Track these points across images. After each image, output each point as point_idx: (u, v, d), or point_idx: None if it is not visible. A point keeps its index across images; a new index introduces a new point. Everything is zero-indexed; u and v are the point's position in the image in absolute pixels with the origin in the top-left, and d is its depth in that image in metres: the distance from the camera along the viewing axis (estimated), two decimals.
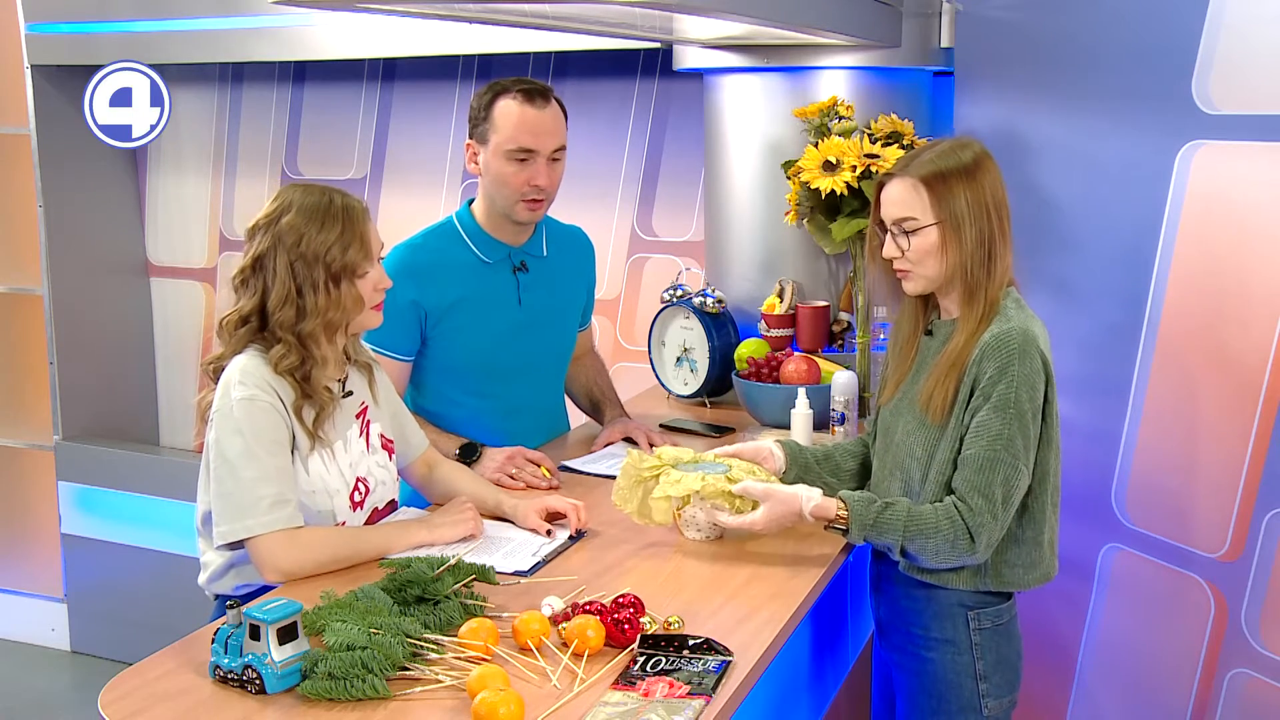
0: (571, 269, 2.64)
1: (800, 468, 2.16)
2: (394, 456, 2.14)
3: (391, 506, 2.14)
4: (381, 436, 2.11)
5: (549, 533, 2.08)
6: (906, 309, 2.10)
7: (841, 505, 1.94)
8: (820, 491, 1.98)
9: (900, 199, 1.96)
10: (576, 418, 2.84)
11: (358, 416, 2.07)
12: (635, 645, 1.64)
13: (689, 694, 1.51)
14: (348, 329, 1.99)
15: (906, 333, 2.09)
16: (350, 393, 2.06)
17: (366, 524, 2.06)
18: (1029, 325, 1.92)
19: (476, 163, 2.44)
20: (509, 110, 2.37)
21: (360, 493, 2.03)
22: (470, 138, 2.44)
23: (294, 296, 1.91)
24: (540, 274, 2.55)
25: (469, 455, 2.39)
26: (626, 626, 1.66)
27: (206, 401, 1.96)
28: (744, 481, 1.99)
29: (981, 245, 1.94)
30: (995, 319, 1.94)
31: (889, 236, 2.00)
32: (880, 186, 2.01)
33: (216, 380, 1.94)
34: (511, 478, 2.35)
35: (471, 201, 2.53)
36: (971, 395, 1.92)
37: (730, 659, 1.61)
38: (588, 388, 2.79)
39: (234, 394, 1.89)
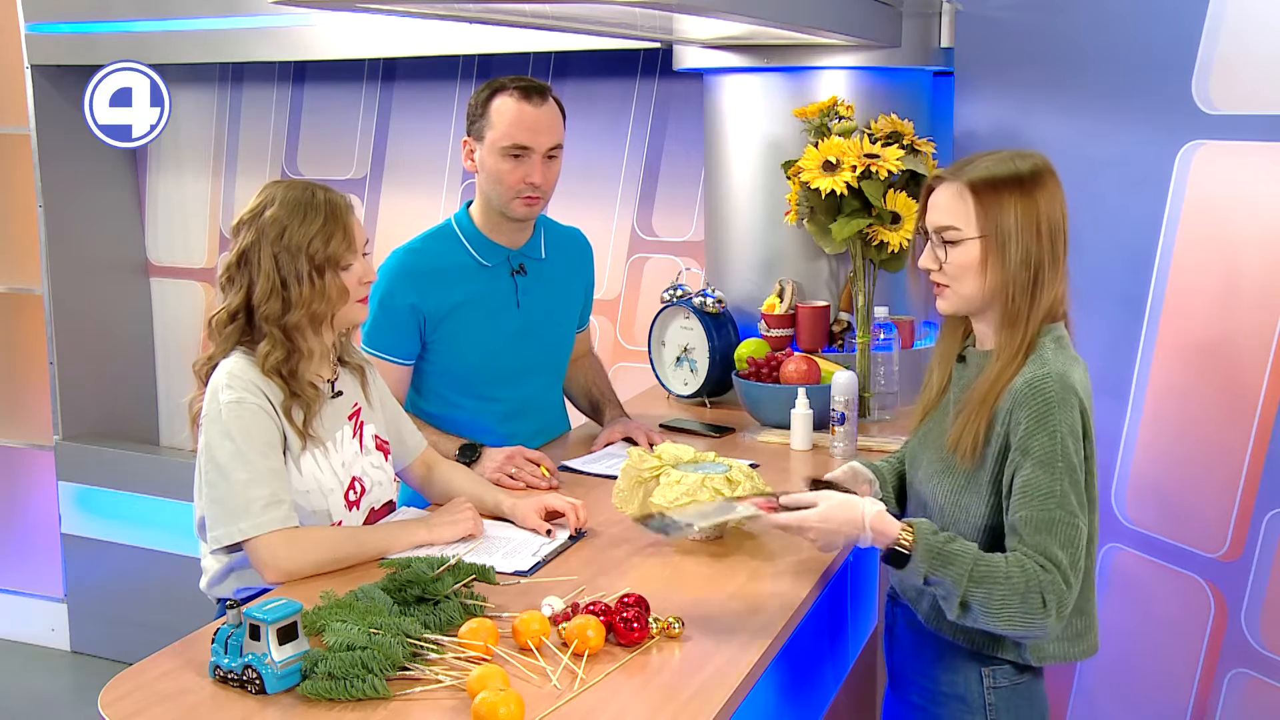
0: (570, 271, 2.64)
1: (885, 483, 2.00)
2: (390, 458, 2.14)
3: (389, 508, 2.14)
4: (376, 438, 2.11)
5: (549, 532, 2.08)
6: (946, 328, 1.91)
7: (907, 528, 1.70)
8: (884, 506, 1.76)
9: (945, 205, 1.77)
10: (577, 418, 2.84)
11: (350, 418, 2.06)
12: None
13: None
14: (333, 321, 1.99)
15: (941, 355, 1.90)
16: (340, 393, 2.06)
17: (365, 524, 2.06)
18: (1068, 371, 1.71)
19: (473, 159, 2.44)
20: (505, 107, 2.37)
21: (355, 492, 2.03)
22: (467, 134, 2.45)
23: (279, 289, 1.91)
24: (539, 276, 2.55)
25: (469, 456, 2.39)
26: (635, 625, 1.66)
27: (196, 406, 1.96)
28: (791, 495, 1.82)
29: (1026, 268, 1.73)
30: (1031, 360, 1.74)
31: (929, 245, 1.81)
32: (929, 190, 1.82)
33: (207, 382, 1.94)
34: (511, 477, 2.35)
35: (470, 204, 2.54)
36: (1006, 449, 1.72)
37: None
38: (587, 389, 2.79)
39: (222, 398, 1.89)
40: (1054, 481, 1.67)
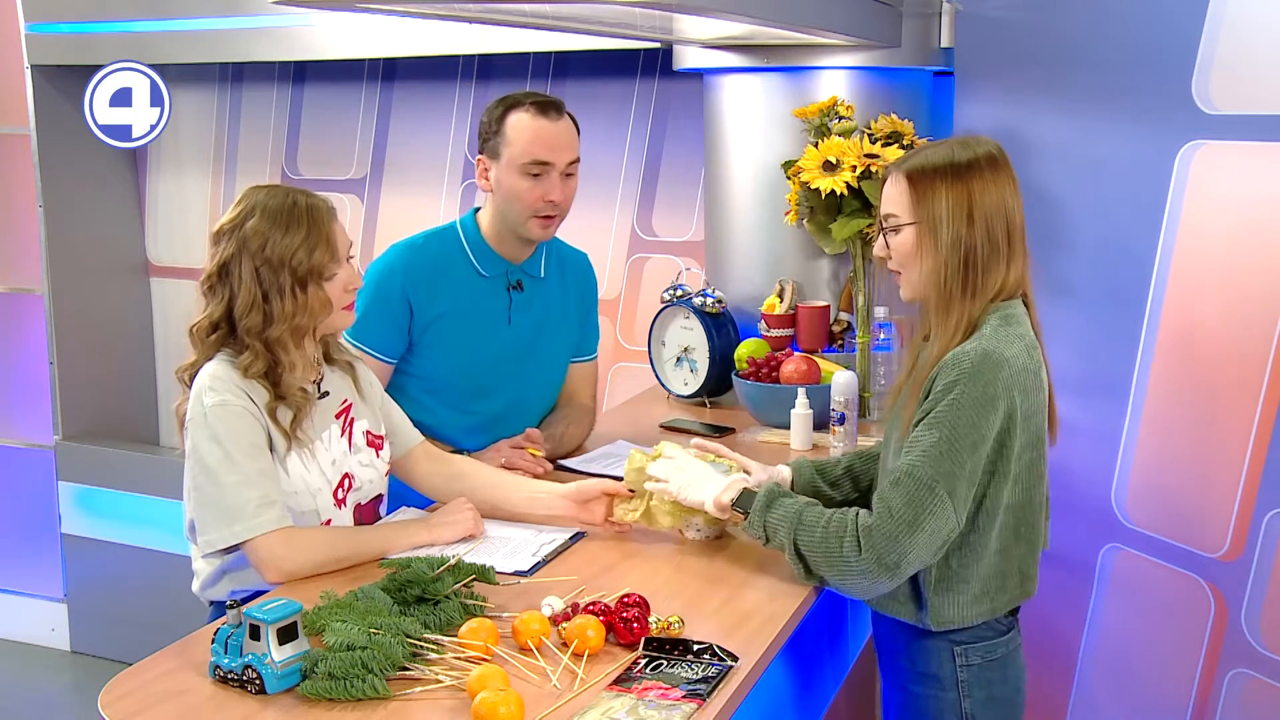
0: (567, 294, 2.58)
1: (808, 487, 2.08)
2: (383, 452, 2.12)
3: (378, 501, 2.13)
4: (368, 434, 2.09)
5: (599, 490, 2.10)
6: (920, 317, 1.96)
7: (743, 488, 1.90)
8: (739, 482, 1.94)
9: (888, 194, 1.87)
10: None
11: (338, 416, 2.05)
12: (640, 647, 1.64)
13: (682, 697, 1.51)
14: (316, 332, 1.98)
15: (919, 337, 1.94)
16: (326, 393, 2.04)
17: (353, 520, 2.05)
18: (996, 347, 1.76)
19: (488, 178, 2.39)
20: (522, 123, 2.33)
21: (344, 489, 2.03)
22: (480, 153, 2.39)
23: (260, 302, 1.89)
24: (535, 295, 2.50)
25: None
26: (635, 625, 1.66)
27: (183, 410, 1.95)
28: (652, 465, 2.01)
29: (957, 252, 1.80)
30: (970, 339, 1.80)
31: (881, 234, 1.91)
32: (883, 182, 1.92)
33: (190, 387, 1.93)
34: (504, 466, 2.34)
35: (478, 210, 2.49)
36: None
37: (731, 664, 1.61)
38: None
39: (206, 401, 1.88)
40: (934, 443, 1.72)
